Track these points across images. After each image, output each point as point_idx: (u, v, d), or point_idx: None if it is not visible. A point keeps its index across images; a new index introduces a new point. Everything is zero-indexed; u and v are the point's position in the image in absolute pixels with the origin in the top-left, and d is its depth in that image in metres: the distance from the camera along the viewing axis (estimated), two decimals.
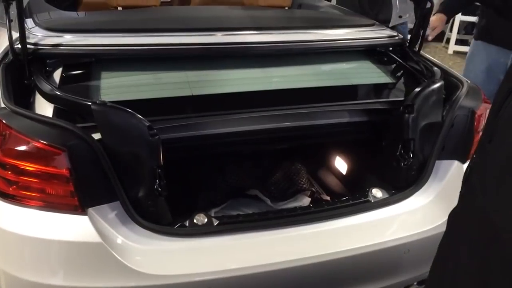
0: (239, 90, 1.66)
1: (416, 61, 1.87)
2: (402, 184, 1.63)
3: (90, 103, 1.31)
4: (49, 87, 1.40)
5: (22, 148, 1.23)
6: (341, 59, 1.95)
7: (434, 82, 1.64)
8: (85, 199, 1.26)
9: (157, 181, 1.34)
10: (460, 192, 0.98)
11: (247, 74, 1.77)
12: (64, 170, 1.23)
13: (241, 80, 1.73)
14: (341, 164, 2.09)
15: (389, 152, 1.66)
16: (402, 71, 1.91)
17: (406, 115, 1.58)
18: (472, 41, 2.67)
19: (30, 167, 1.23)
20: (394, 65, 1.95)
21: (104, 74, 1.62)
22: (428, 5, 1.81)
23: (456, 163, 1.62)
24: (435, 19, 2.62)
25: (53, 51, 1.55)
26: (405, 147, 1.61)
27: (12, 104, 1.30)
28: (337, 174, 2.11)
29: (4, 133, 1.25)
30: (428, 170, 1.60)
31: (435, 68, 1.77)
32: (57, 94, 1.38)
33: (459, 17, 6.06)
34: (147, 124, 1.31)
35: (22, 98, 1.43)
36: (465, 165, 1.62)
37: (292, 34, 1.85)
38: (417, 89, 1.61)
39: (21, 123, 1.26)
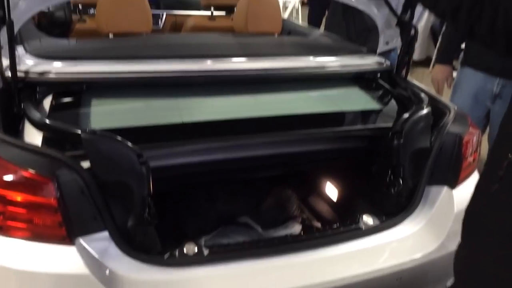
0: (230, 117, 1.66)
1: (404, 88, 1.89)
2: (392, 210, 1.63)
3: (79, 132, 1.30)
4: (39, 115, 1.39)
5: (10, 177, 1.21)
6: (330, 85, 1.97)
7: (422, 109, 1.66)
8: (73, 229, 1.23)
9: (147, 209, 1.32)
10: (498, 181, 1.00)
11: (237, 100, 1.78)
12: (52, 199, 1.21)
13: (231, 107, 1.74)
14: (331, 190, 2.09)
15: (379, 178, 1.66)
16: (390, 97, 1.94)
17: (395, 141, 1.59)
18: (459, 68, 2.70)
19: (17, 196, 1.21)
20: (382, 91, 1.97)
21: (94, 101, 1.62)
22: (413, 32, 1.85)
23: (445, 188, 1.63)
24: (439, 72, 2.63)
25: (44, 79, 1.55)
26: (395, 173, 1.62)
27: (1, 132, 1.29)
28: (328, 200, 2.11)
29: None
30: (418, 196, 1.61)
31: (423, 95, 1.80)
32: (46, 122, 1.37)
33: None
34: (137, 152, 1.30)
35: (11, 126, 1.42)
36: (455, 191, 1.63)
37: (282, 61, 1.87)
38: (405, 115, 1.63)
39: (9, 152, 1.24)
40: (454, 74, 2.72)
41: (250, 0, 2.51)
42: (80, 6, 3.01)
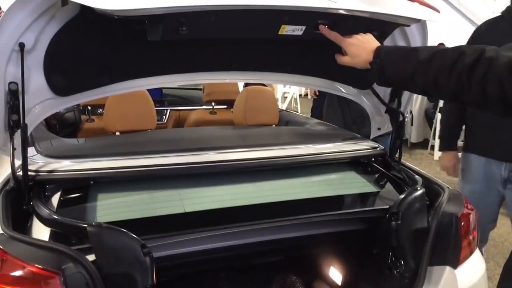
0: (231, 205, 1.71)
1: (398, 170, 1.96)
2: None
3: (85, 225, 1.35)
4: (47, 211, 1.44)
5: (18, 273, 1.24)
6: (327, 171, 2.04)
7: (416, 190, 1.71)
8: None
9: None
10: None
11: (238, 189, 1.84)
12: None
13: (232, 195, 1.79)
14: (335, 274, 2.07)
15: (381, 260, 1.67)
16: (385, 180, 2.00)
17: (393, 222, 1.62)
18: (462, 153, 2.65)
19: None
20: (378, 174, 2.04)
21: (100, 196, 1.68)
22: (401, 118, 1.96)
23: (447, 268, 1.63)
24: (446, 160, 2.65)
25: (52, 177, 1.62)
26: (395, 255, 1.63)
27: (10, 230, 1.34)
28: (333, 284, 2.08)
29: (1, 259, 1.27)
30: (421, 277, 1.60)
31: (417, 176, 1.86)
32: (54, 218, 1.42)
33: None
34: (141, 243, 1.34)
35: (20, 222, 1.47)
36: (457, 270, 1.63)
37: (281, 150, 1.96)
38: (401, 197, 1.67)
39: (17, 248, 1.28)
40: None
41: (248, 95, 2.68)
42: (89, 107, 3.20)
